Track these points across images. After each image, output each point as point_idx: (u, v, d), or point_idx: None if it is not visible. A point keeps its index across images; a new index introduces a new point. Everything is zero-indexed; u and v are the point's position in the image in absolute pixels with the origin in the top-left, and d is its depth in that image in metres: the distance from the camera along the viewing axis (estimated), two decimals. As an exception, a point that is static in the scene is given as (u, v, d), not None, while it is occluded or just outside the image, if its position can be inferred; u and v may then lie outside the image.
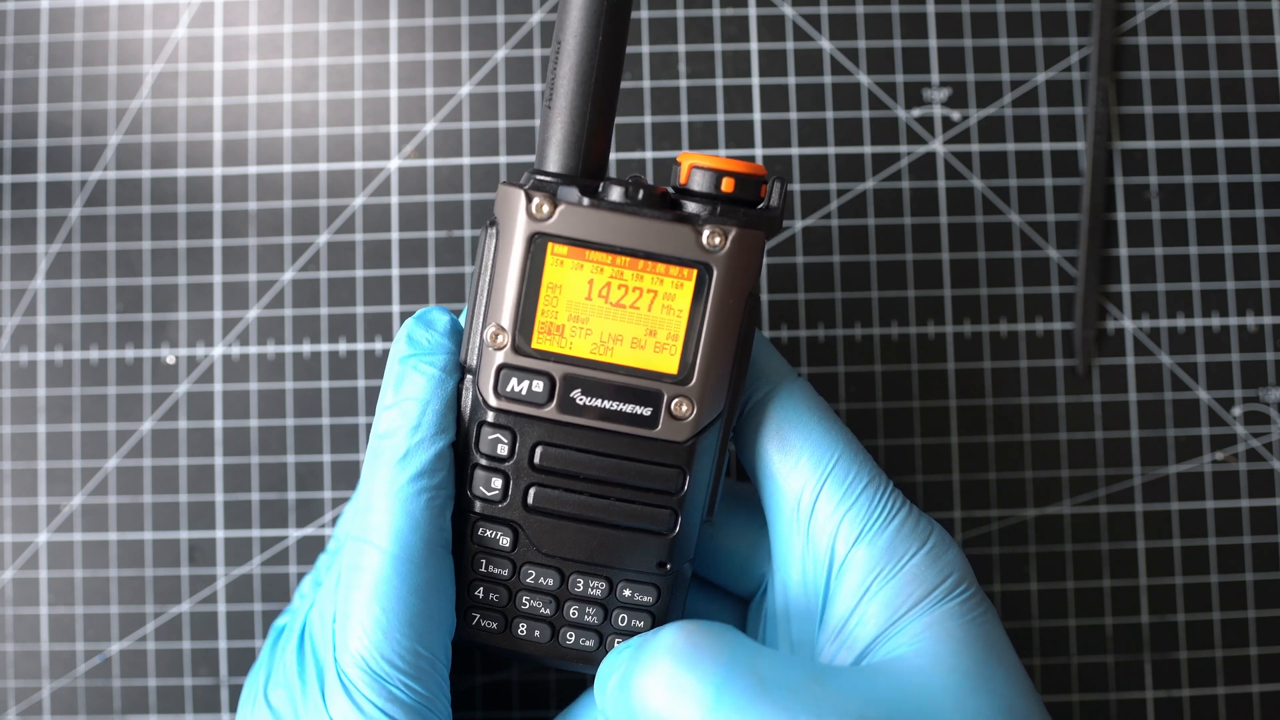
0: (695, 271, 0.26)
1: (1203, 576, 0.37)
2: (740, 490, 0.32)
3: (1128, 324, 0.38)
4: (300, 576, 0.37)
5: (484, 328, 0.27)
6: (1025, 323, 0.38)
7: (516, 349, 0.26)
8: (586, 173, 0.27)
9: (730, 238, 0.26)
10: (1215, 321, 0.38)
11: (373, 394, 0.38)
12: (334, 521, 0.37)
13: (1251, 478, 0.38)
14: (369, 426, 0.37)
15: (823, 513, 0.28)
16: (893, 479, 0.29)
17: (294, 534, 0.38)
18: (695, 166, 0.27)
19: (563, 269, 0.26)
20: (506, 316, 0.26)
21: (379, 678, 0.26)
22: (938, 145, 0.38)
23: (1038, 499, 0.38)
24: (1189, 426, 0.38)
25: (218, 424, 0.38)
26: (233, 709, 0.37)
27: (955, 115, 0.38)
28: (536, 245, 0.26)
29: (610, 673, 0.26)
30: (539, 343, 0.26)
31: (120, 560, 0.38)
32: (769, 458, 0.28)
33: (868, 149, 0.38)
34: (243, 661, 0.37)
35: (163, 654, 0.37)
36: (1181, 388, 0.38)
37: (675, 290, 0.26)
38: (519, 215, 0.26)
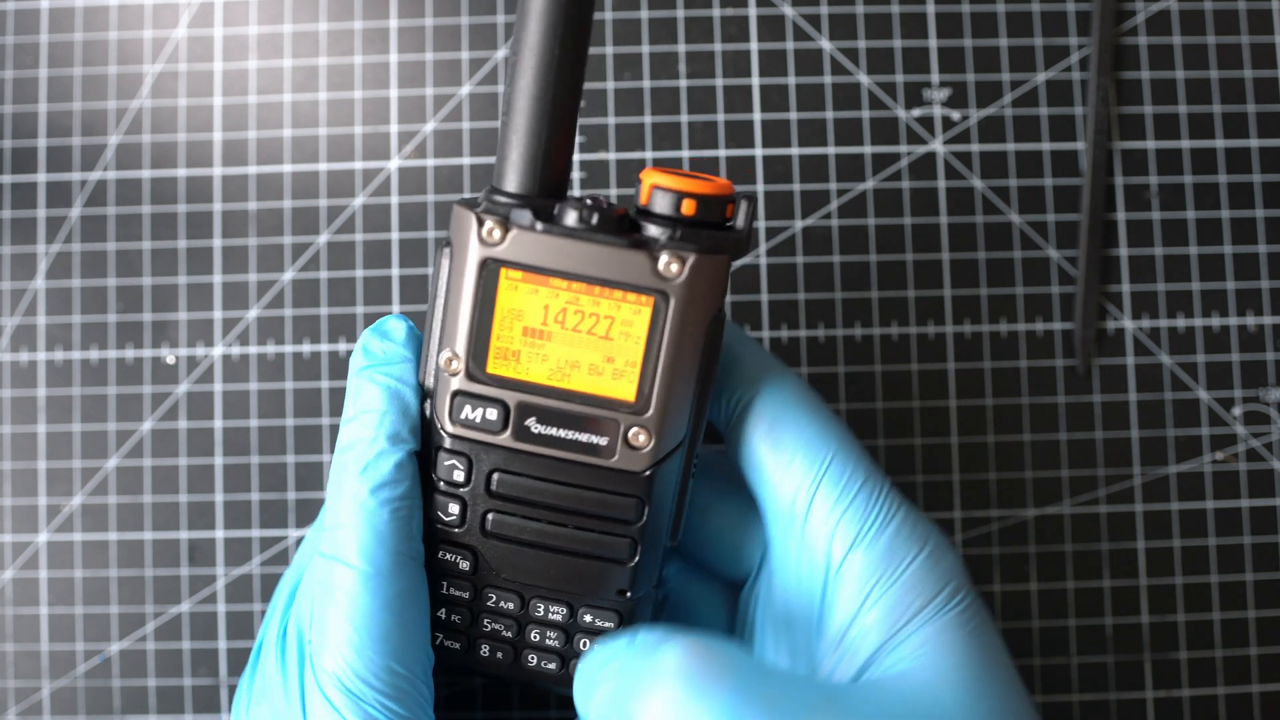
0: (652, 299, 0.25)
1: (1203, 576, 0.37)
2: (733, 473, 0.32)
3: (1128, 324, 0.38)
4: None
5: (439, 352, 0.26)
6: (1025, 323, 0.38)
7: (470, 375, 0.26)
8: (545, 191, 0.26)
9: (689, 264, 0.25)
10: (1215, 321, 0.38)
11: (373, 394, 0.38)
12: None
13: (1251, 478, 0.38)
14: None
15: (818, 514, 0.27)
16: (893, 479, 0.29)
17: (294, 534, 0.38)
18: (655, 186, 0.25)
19: (517, 294, 0.25)
20: (460, 342, 0.26)
21: (356, 698, 0.25)
22: (938, 145, 0.38)
23: (1038, 499, 0.38)
24: (1189, 426, 0.38)
25: (218, 424, 0.38)
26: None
27: (955, 115, 0.38)
28: (489, 270, 0.25)
29: (596, 682, 0.26)
30: (494, 368, 0.26)
31: (120, 560, 0.38)
32: (761, 458, 0.28)
33: (868, 149, 0.38)
34: (242, 662, 0.37)
35: (162, 654, 0.37)
36: (1181, 388, 0.38)
37: (633, 316, 0.25)
38: (470, 240, 0.25)
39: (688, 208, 0.25)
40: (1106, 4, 0.38)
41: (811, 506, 0.27)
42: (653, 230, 0.25)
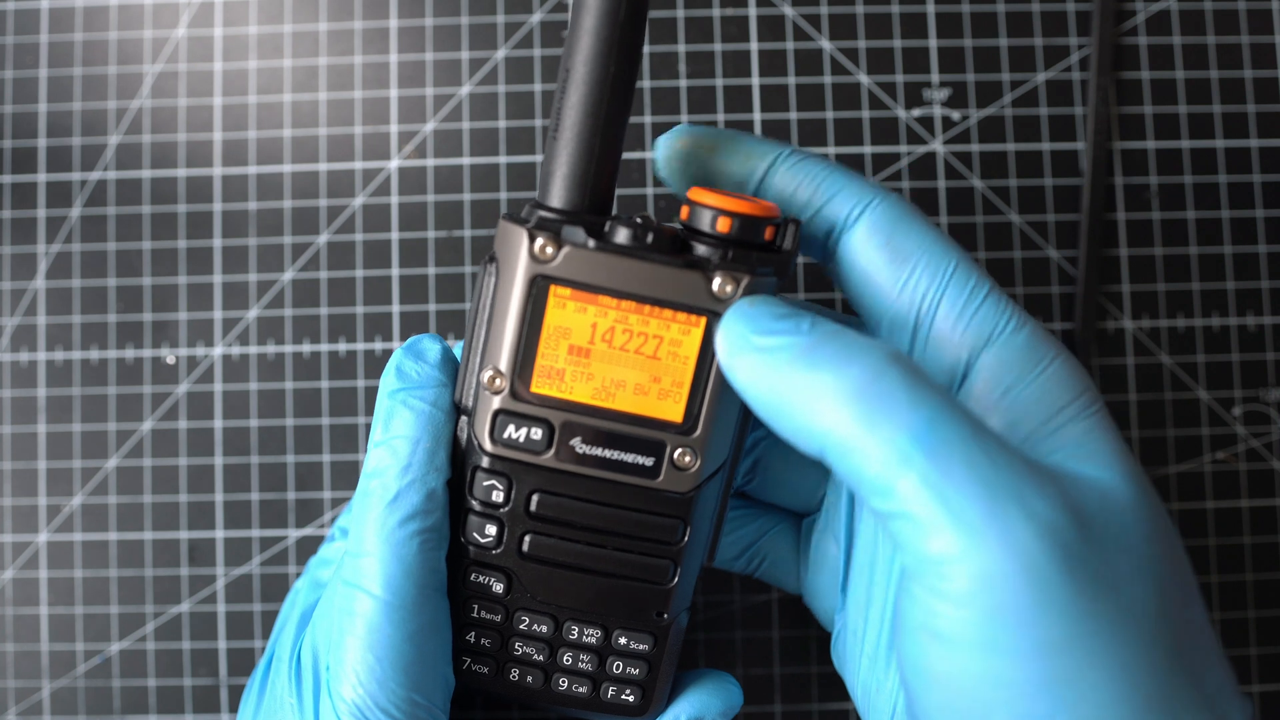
0: (704, 319, 0.25)
1: (1203, 577, 0.37)
2: None
3: (1128, 324, 0.38)
4: (299, 577, 0.37)
5: (481, 369, 0.26)
6: (1025, 323, 0.38)
7: (514, 394, 0.25)
8: (592, 208, 0.25)
9: (743, 285, 0.24)
10: (1215, 321, 0.38)
11: (373, 394, 0.38)
12: (333, 521, 0.37)
13: (1251, 478, 0.38)
14: (368, 426, 0.37)
15: (945, 318, 0.25)
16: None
17: (294, 534, 0.38)
18: (706, 207, 0.25)
19: (565, 311, 0.25)
20: (505, 360, 0.25)
21: None
22: (938, 145, 0.38)
23: (1038, 499, 0.38)
24: (1189, 426, 0.38)
25: (218, 424, 0.38)
26: (232, 709, 0.37)
27: (955, 115, 0.38)
28: (538, 288, 0.25)
29: (762, 355, 0.23)
30: (538, 386, 0.25)
31: (120, 560, 0.38)
32: (878, 270, 0.26)
33: (868, 149, 0.38)
34: (242, 662, 0.37)
35: (162, 654, 0.37)
36: (1181, 388, 0.38)
37: (682, 336, 0.25)
38: (521, 256, 0.25)
39: (738, 229, 0.25)
40: (1106, 4, 0.38)
41: (938, 311, 0.25)
42: (703, 249, 0.25)
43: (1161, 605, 0.22)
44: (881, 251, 0.26)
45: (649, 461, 0.26)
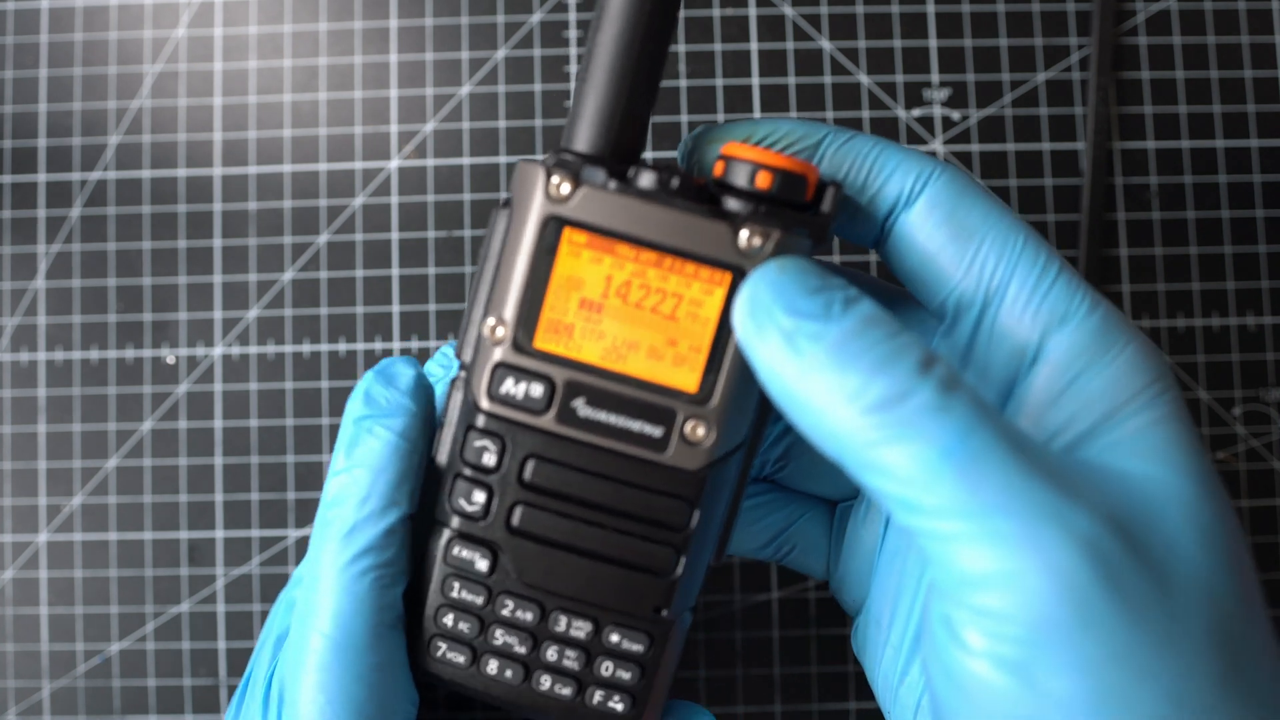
0: (729, 276, 0.23)
1: (1203, 576, 0.37)
2: None
3: (1128, 324, 0.38)
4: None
5: (483, 319, 0.24)
6: (1025, 323, 0.38)
7: (516, 346, 0.23)
8: (619, 155, 0.24)
9: (772, 240, 0.22)
10: (1215, 321, 0.38)
11: (373, 394, 0.38)
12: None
13: (1251, 478, 0.38)
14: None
15: (1015, 296, 0.23)
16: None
17: (293, 534, 0.38)
18: (739, 159, 0.23)
19: (579, 260, 0.23)
20: (509, 309, 0.23)
21: None
22: (938, 145, 0.38)
23: (1038, 499, 0.38)
24: (1189, 426, 0.38)
25: (218, 424, 0.38)
26: (232, 709, 0.37)
27: (955, 115, 0.38)
28: (551, 230, 0.23)
29: (793, 344, 0.21)
30: (542, 342, 0.23)
31: (120, 560, 0.38)
32: (940, 247, 0.24)
33: (868, 149, 0.38)
34: (242, 662, 0.37)
35: (162, 654, 0.37)
36: (1181, 388, 0.38)
37: (704, 296, 0.23)
38: (535, 194, 0.23)
39: (771, 182, 0.23)
40: (1106, 4, 0.38)
41: (1008, 290, 0.24)
42: (734, 204, 0.23)
43: (1216, 613, 0.21)
44: (943, 228, 0.24)
45: (657, 432, 0.23)
